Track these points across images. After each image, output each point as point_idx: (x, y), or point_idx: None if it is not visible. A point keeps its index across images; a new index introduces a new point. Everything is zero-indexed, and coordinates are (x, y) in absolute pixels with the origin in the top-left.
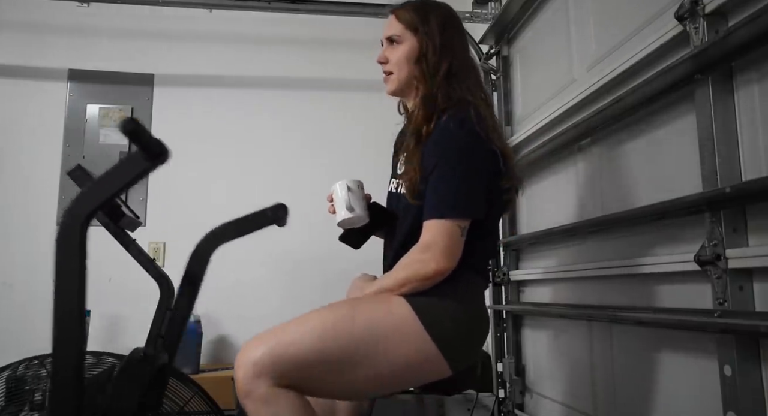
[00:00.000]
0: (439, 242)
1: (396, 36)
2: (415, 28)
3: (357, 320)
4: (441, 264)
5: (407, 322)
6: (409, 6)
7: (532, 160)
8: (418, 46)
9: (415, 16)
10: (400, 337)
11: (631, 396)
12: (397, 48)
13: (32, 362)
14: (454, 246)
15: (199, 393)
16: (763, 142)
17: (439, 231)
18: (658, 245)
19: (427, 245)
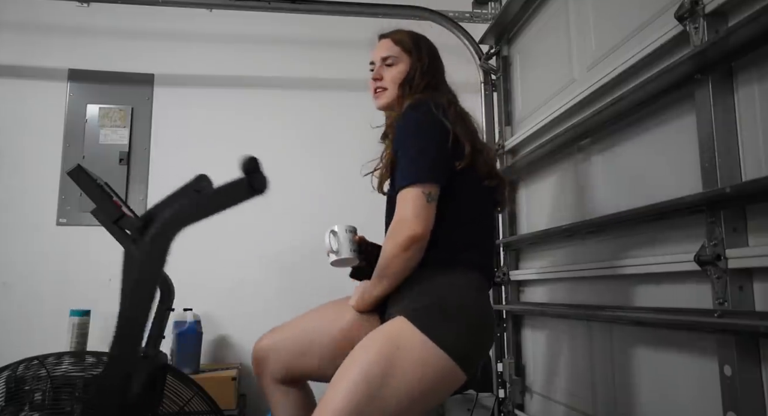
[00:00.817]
0: (406, 210)
1: (393, 57)
2: (409, 51)
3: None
4: (413, 230)
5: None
6: (403, 33)
7: (532, 160)
8: (409, 68)
9: (411, 41)
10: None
11: (631, 396)
12: (392, 68)
13: (32, 362)
14: (420, 210)
15: (199, 393)
16: (763, 142)
17: (404, 200)
18: (658, 245)
19: (397, 217)
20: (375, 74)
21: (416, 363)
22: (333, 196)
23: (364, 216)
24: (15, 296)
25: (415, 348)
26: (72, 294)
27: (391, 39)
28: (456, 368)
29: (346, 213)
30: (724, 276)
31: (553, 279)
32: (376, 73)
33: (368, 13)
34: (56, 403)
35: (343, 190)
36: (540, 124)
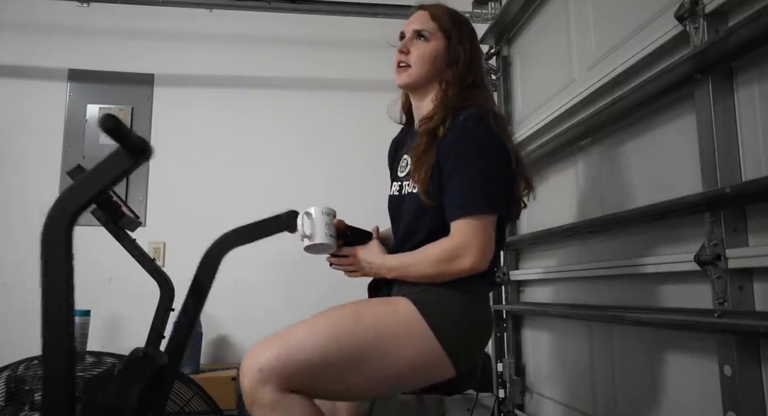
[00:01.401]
0: (474, 240)
1: (427, 32)
2: (447, 32)
3: (362, 322)
4: (477, 262)
5: (413, 323)
6: (444, 9)
7: (532, 160)
8: (446, 49)
9: (450, 21)
10: (406, 338)
11: (631, 396)
12: (423, 44)
13: (32, 362)
14: (489, 242)
15: (199, 393)
16: (763, 142)
17: (472, 229)
18: (658, 245)
19: (462, 244)
20: (402, 46)
21: (405, 333)
22: (333, 196)
23: (364, 216)
24: (15, 296)
25: (410, 323)
26: None
27: (429, 12)
28: (445, 359)
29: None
30: (724, 276)
31: (553, 279)
32: (403, 46)
33: (368, 13)
34: None
35: (344, 190)
36: (540, 124)
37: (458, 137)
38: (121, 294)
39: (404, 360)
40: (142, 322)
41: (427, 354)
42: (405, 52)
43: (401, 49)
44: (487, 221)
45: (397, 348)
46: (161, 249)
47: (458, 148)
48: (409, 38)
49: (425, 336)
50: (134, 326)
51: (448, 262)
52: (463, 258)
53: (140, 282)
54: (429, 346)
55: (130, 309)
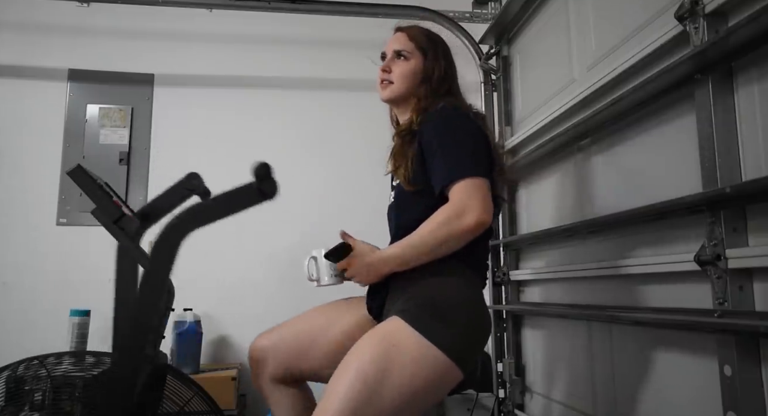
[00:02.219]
0: (473, 197)
1: (406, 52)
2: (424, 51)
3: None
4: (481, 216)
5: (413, 347)
6: (419, 30)
7: (532, 160)
8: (423, 67)
9: (426, 41)
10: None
11: (631, 396)
12: (403, 63)
13: (32, 362)
14: (488, 199)
15: (199, 393)
16: (763, 142)
17: (469, 188)
18: (658, 245)
19: (462, 202)
20: (384, 65)
21: (411, 362)
22: (333, 196)
23: (364, 215)
24: (15, 296)
25: (410, 347)
26: (72, 294)
27: (406, 34)
28: (452, 366)
29: (347, 213)
30: (724, 276)
31: (553, 279)
32: (385, 65)
33: (368, 13)
34: (56, 403)
35: (344, 190)
36: (540, 124)
37: (437, 122)
38: None
39: (422, 386)
40: None
41: (431, 367)
42: (387, 70)
43: (384, 68)
44: (480, 182)
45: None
46: None
47: (438, 129)
48: (390, 58)
49: (430, 353)
50: None
51: (452, 222)
52: (466, 214)
53: None
54: (437, 361)
55: None
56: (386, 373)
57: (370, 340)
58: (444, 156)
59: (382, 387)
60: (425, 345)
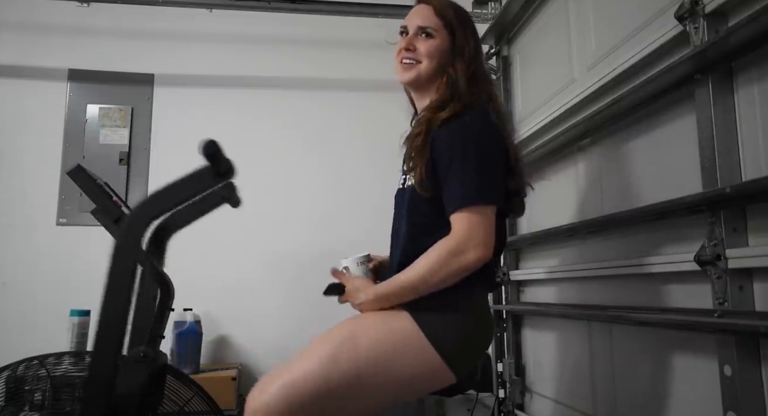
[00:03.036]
0: (475, 231)
1: (431, 29)
2: (452, 28)
3: (360, 346)
4: (481, 253)
5: (411, 337)
6: (448, 5)
7: (532, 160)
8: (451, 45)
9: (455, 17)
10: (405, 354)
11: (631, 396)
12: (430, 41)
13: (32, 362)
14: (490, 232)
15: (199, 393)
16: (763, 142)
17: (473, 220)
18: (658, 245)
19: (464, 238)
20: (407, 43)
21: (404, 350)
22: (333, 196)
23: (364, 215)
24: (15, 296)
25: (406, 336)
26: (72, 294)
27: (432, 7)
28: (444, 368)
29: (347, 213)
30: (724, 276)
31: (553, 279)
32: (408, 43)
33: (368, 13)
34: (56, 403)
35: (344, 190)
36: (540, 124)
37: (458, 131)
38: None
39: (406, 376)
40: None
41: (427, 367)
42: (412, 49)
43: (407, 46)
44: (486, 212)
45: (397, 366)
46: None
47: (457, 141)
48: (413, 34)
49: (424, 349)
50: None
51: (450, 261)
52: (467, 251)
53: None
54: (428, 359)
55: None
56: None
57: (372, 317)
58: (455, 177)
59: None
60: (423, 342)
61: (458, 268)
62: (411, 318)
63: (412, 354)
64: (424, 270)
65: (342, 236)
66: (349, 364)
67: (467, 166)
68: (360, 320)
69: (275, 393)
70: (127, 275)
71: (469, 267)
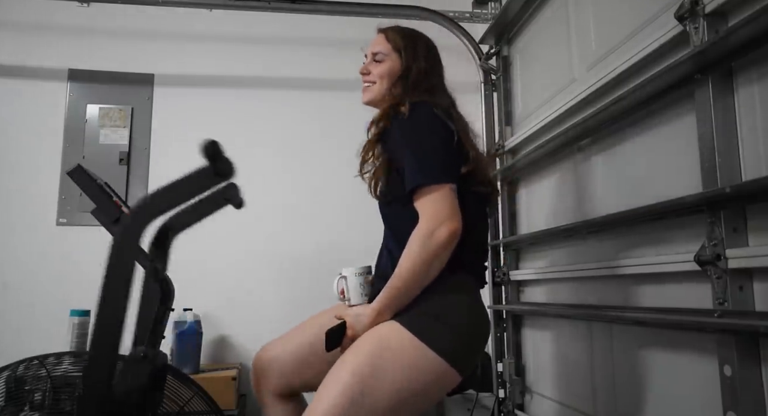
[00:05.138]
0: (439, 208)
1: (381, 54)
2: (398, 50)
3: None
4: (452, 226)
5: (409, 349)
6: (397, 30)
7: (532, 160)
8: (400, 66)
9: (401, 40)
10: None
11: (631, 396)
12: (379, 64)
13: (32, 362)
14: (453, 205)
15: (199, 393)
16: (763, 141)
17: (433, 199)
18: (659, 245)
19: (429, 216)
20: (362, 68)
21: (406, 365)
22: (333, 196)
23: (365, 215)
24: (15, 296)
25: (405, 350)
26: (72, 294)
27: (384, 34)
28: (448, 368)
29: (348, 213)
30: (724, 276)
31: (553, 279)
32: (363, 68)
33: (368, 13)
34: (56, 403)
35: (345, 190)
36: (540, 124)
37: (402, 122)
38: None
39: (417, 388)
40: None
41: (426, 370)
42: (366, 73)
43: (362, 72)
44: (442, 190)
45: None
46: None
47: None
48: (369, 61)
49: (426, 356)
50: None
51: (427, 240)
52: (438, 229)
53: (140, 283)
54: (433, 364)
55: (129, 309)
56: (381, 374)
57: (365, 341)
58: (407, 164)
59: (376, 387)
60: (421, 348)
61: (436, 247)
62: (402, 327)
63: (416, 365)
64: (408, 263)
65: (342, 236)
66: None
67: (414, 152)
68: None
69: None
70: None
71: (445, 242)
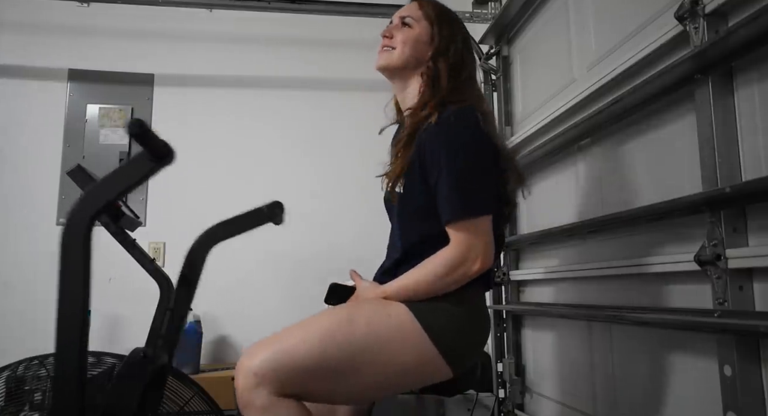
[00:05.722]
0: (475, 242)
1: (411, 19)
2: (431, 20)
3: (357, 325)
4: (483, 263)
5: (407, 326)
6: (435, 3)
7: (532, 160)
8: (429, 37)
9: (437, 13)
10: (401, 341)
11: (631, 396)
12: (406, 29)
13: (32, 362)
14: (489, 241)
15: (199, 393)
16: (763, 141)
17: (471, 231)
18: (658, 245)
19: (465, 249)
20: (386, 31)
21: (401, 338)
22: (333, 196)
23: (363, 216)
24: (15, 296)
25: (404, 325)
26: None
27: (417, 3)
28: (440, 360)
29: (348, 214)
30: (724, 276)
31: (553, 279)
32: (386, 30)
33: (368, 13)
34: None
35: (344, 191)
36: (540, 124)
37: (445, 133)
38: (121, 294)
39: (399, 363)
40: (142, 322)
41: (422, 357)
42: (389, 36)
43: (385, 34)
44: (482, 223)
45: (391, 351)
46: (161, 249)
47: (445, 144)
48: (395, 25)
49: (420, 338)
50: (134, 326)
51: (455, 270)
52: (468, 262)
53: (140, 282)
54: (424, 349)
55: (130, 309)
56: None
57: (371, 303)
58: (448, 186)
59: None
60: (419, 331)
61: (462, 277)
62: (407, 308)
63: (408, 342)
64: (431, 276)
65: (342, 237)
66: (343, 342)
67: (458, 175)
68: (358, 304)
69: (266, 358)
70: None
71: (472, 276)
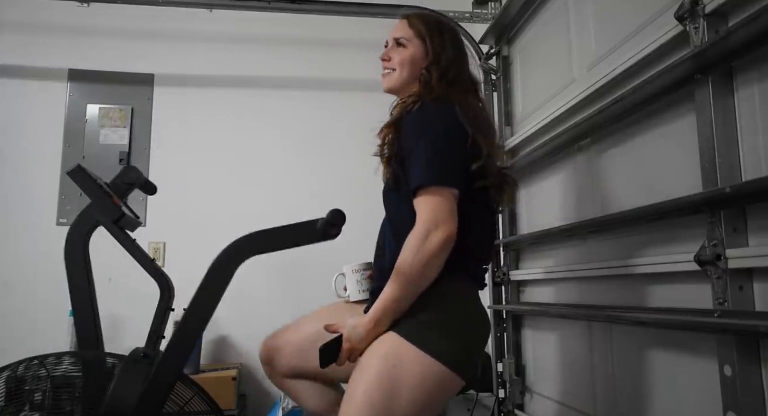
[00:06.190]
0: (438, 211)
1: (404, 39)
2: (422, 37)
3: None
4: (447, 230)
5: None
6: (422, 17)
7: (532, 160)
8: (423, 53)
9: (427, 28)
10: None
11: (631, 396)
12: (401, 50)
13: (32, 362)
14: (451, 210)
15: (199, 393)
16: (763, 141)
17: (433, 201)
18: (658, 245)
19: (426, 218)
20: (383, 55)
21: (416, 379)
22: (333, 197)
23: (364, 215)
24: (15, 296)
25: (411, 364)
26: None
27: (407, 21)
28: (453, 375)
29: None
30: (724, 276)
31: (553, 280)
32: (384, 54)
33: (368, 13)
34: (56, 403)
35: (344, 191)
36: (540, 124)
37: (417, 118)
38: (121, 294)
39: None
40: (142, 322)
41: (434, 380)
42: (386, 59)
43: (382, 58)
44: (443, 193)
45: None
46: (161, 249)
47: (416, 128)
48: (390, 47)
49: (432, 368)
50: (134, 326)
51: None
52: (433, 232)
53: (140, 282)
54: (439, 373)
55: (130, 309)
56: (394, 394)
57: (371, 361)
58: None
59: (390, 408)
60: (425, 359)
61: (431, 250)
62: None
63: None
64: (404, 267)
65: (341, 236)
66: None
67: (423, 149)
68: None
69: None
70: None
71: (438, 247)
